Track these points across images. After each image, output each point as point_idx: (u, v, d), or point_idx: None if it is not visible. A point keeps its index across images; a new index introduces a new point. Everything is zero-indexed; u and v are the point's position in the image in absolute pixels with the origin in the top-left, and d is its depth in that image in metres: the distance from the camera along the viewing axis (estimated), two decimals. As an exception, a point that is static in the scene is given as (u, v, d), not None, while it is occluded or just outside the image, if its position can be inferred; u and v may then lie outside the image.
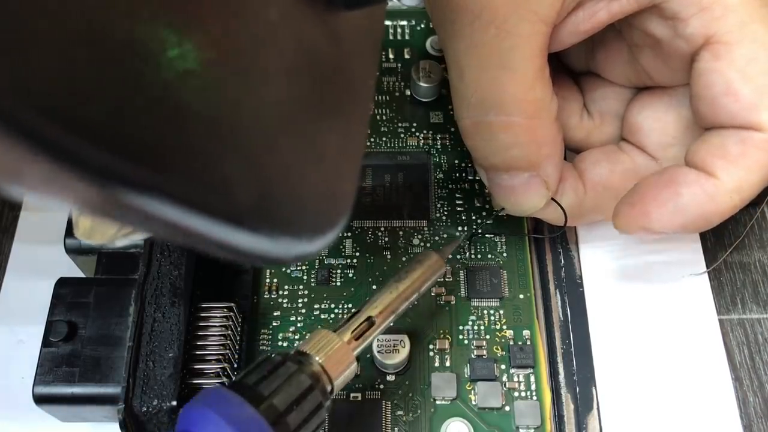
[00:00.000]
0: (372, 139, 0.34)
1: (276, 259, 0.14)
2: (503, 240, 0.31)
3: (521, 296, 0.30)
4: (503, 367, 0.29)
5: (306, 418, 0.22)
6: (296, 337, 0.30)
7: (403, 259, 0.31)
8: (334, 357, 0.23)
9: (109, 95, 0.10)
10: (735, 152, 0.25)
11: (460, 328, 0.30)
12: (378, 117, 0.34)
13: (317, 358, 0.23)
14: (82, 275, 0.30)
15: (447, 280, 0.31)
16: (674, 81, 0.28)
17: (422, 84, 0.34)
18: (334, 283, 0.31)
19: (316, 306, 0.30)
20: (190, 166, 0.12)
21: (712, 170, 0.25)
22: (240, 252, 0.13)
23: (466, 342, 0.29)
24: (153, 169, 0.11)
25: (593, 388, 0.29)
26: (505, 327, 0.30)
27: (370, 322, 0.25)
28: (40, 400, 0.26)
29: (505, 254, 0.31)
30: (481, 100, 0.25)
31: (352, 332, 0.25)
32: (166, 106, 0.11)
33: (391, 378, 0.29)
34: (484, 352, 0.29)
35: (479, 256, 0.31)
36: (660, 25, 0.25)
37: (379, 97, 0.35)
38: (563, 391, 0.29)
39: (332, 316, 0.30)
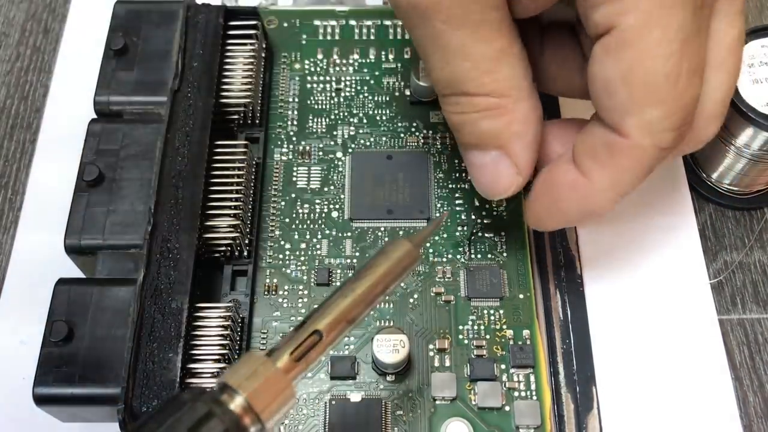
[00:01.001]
0: (372, 139, 0.34)
1: None
2: (503, 240, 0.31)
3: (521, 296, 0.30)
4: (503, 366, 0.29)
5: None
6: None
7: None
8: (264, 390, 0.19)
9: None
10: (603, 156, 0.24)
11: (460, 328, 0.30)
12: (378, 117, 0.34)
13: (240, 394, 0.18)
14: (82, 275, 0.30)
15: (447, 280, 0.31)
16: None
17: (422, 84, 0.34)
18: (334, 283, 0.31)
19: (316, 306, 0.30)
20: None
21: (585, 171, 0.25)
22: None
23: (466, 342, 0.29)
24: None
25: (593, 388, 0.29)
26: (505, 327, 0.30)
27: (318, 335, 0.20)
28: (40, 400, 0.26)
29: (505, 254, 0.31)
30: (447, 83, 0.26)
31: (291, 353, 0.20)
32: None
33: (391, 378, 0.29)
34: (484, 352, 0.29)
35: (479, 256, 0.31)
36: (577, 6, 0.24)
37: (379, 97, 0.35)
38: (563, 391, 0.29)
39: (332, 316, 0.30)
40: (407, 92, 0.35)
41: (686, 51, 0.23)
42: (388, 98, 0.35)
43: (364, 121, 0.34)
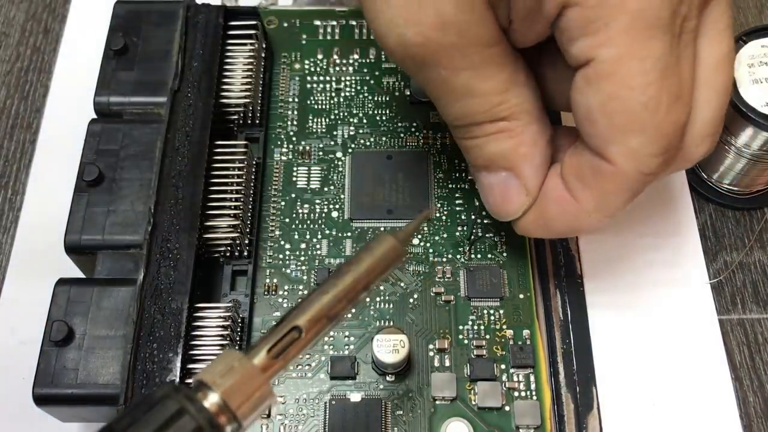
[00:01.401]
0: (372, 139, 0.34)
1: None
2: (503, 240, 0.31)
3: (521, 296, 0.30)
4: (503, 366, 0.29)
5: None
6: (296, 337, 0.30)
7: (403, 259, 0.31)
8: (239, 387, 0.18)
9: None
10: (589, 178, 0.25)
11: (460, 328, 0.30)
12: (378, 117, 0.34)
13: (215, 391, 0.18)
14: (82, 275, 0.30)
15: (447, 280, 0.31)
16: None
17: (422, 84, 0.34)
18: (334, 283, 0.31)
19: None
20: None
21: (572, 191, 0.25)
22: None
23: (466, 342, 0.29)
24: None
25: (593, 388, 0.29)
26: (505, 327, 0.30)
27: (297, 331, 0.20)
28: (40, 400, 0.26)
29: (505, 254, 0.31)
30: (457, 118, 0.26)
31: (269, 350, 0.19)
32: None
33: (391, 378, 0.29)
34: (484, 352, 0.29)
35: (479, 256, 0.31)
36: (557, 34, 0.25)
37: (379, 97, 0.35)
38: (563, 391, 0.29)
39: (332, 316, 0.30)
40: (407, 92, 0.35)
41: (665, 80, 0.23)
42: (388, 98, 0.35)
43: (364, 121, 0.34)
